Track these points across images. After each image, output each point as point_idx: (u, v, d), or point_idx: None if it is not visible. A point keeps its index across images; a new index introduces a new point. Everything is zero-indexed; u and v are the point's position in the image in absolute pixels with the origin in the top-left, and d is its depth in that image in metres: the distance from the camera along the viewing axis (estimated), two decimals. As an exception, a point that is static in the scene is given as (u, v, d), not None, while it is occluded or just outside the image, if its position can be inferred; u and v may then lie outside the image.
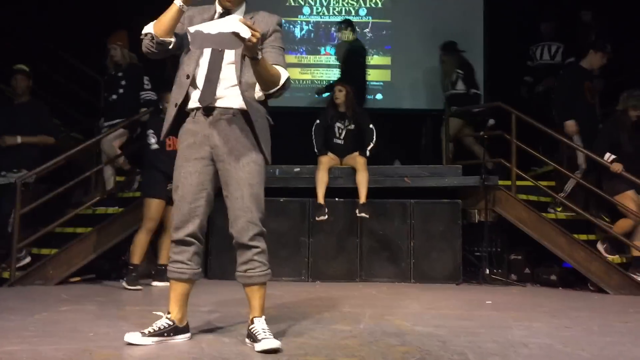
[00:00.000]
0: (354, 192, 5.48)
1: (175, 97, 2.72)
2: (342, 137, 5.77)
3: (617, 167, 5.19)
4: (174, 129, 2.75)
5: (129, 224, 5.51)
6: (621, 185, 5.24)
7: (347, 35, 6.84)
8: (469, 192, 5.82)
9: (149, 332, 2.67)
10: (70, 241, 5.30)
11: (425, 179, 5.84)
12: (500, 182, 5.72)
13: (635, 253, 5.11)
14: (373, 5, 7.91)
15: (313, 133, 5.74)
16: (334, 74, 7.57)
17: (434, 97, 7.43)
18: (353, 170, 5.61)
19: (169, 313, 2.74)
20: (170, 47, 2.65)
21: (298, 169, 5.75)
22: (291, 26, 7.84)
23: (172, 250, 2.73)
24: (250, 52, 2.41)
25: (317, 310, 3.80)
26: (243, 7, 2.76)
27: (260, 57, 2.46)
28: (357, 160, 5.57)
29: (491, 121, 6.54)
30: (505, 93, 6.73)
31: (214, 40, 2.41)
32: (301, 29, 7.90)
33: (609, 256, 5.17)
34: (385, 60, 7.86)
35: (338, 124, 5.77)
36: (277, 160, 3.08)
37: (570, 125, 5.80)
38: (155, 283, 5.20)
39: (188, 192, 2.66)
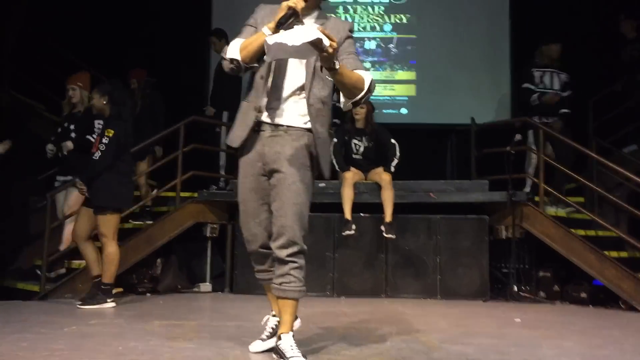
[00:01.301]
0: (379, 207, 5.46)
1: (254, 100, 2.68)
2: (360, 153, 5.76)
3: None
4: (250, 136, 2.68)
5: (156, 238, 5.59)
6: None
7: (221, 46, 6.52)
8: (495, 208, 5.75)
9: (267, 336, 2.88)
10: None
11: (451, 194, 5.79)
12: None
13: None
14: (398, 21, 7.94)
15: (332, 153, 5.70)
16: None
17: (459, 111, 7.40)
18: (378, 186, 5.59)
19: (272, 311, 2.92)
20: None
21: (323, 184, 5.74)
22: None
23: (252, 262, 2.85)
24: (327, 62, 2.34)
25: (343, 326, 3.78)
26: (316, 13, 2.69)
27: (338, 66, 2.39)
28: (382, 178, 5.54)
29: (518, 136, 6.49)
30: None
31: (289, 51, 2.27)
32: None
33: None
34: (410, 75, 7.87)
35: (355, 141, 5.77)
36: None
37: None
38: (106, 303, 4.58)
39: (250, 208, 2.72)
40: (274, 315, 2.90)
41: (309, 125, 2.65)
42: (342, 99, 2.58)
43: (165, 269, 5.85)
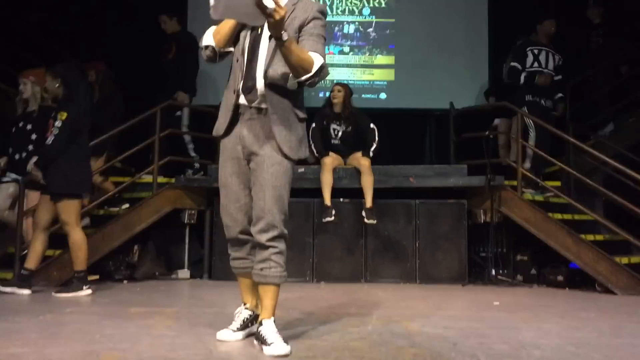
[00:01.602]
0: (358, 192, 5.45)
1: (232, 84, 2.66)
2: (338, 138, 5.72)
3: None
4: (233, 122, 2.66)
5: (133, 224, 5.50)
6: None
7: (171, 25, 6.19)
8: (474, 192, 5.77)
9: (237, 327, 2.79)
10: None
11: (430, 178, 5.80)
12: (506, 182, 5.68)
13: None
14: (377, 5, 7.87)
15: (310, 138, 5.65)
16: (338, 73, 7.55)
17: (438, 96, 7.38)
18: (357, 171, 5.56)
19: (245, 304, 2.84)
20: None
21: (302, 170, 5.71)
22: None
23: (230, 249, 2.78)
24: (274, 30, 2.31)
25: (324, 311, 3.77)
26: None
27: (285, 38, 2.35)
28: (362, 163, 5.50)
29: (496, 121, 6.52)
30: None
31: (235, 11, 2.26)
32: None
33: None
34: (389, 59, 7.82)
35: (334, 126, 5.73)
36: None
37: None
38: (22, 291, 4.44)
39: (231, 192, 2.68)
40: (246, 308, 2.84)
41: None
42: (290, 75, 2.56)
43: (143, 256, 5.76)
